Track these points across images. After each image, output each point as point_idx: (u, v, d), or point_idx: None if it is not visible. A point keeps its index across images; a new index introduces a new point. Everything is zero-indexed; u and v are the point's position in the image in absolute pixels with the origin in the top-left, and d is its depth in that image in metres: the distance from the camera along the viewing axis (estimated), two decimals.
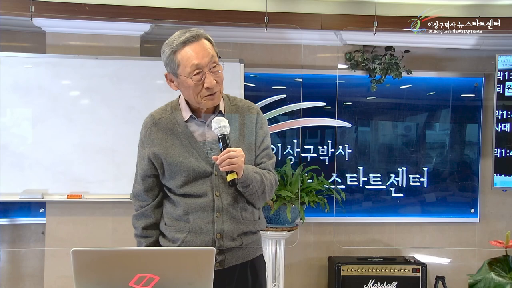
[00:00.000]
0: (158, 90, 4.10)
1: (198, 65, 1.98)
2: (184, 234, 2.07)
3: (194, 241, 2.05)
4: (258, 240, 2.19)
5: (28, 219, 4.27)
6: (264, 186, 2.07)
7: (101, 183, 4.06)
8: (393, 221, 4.62)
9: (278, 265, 4.07)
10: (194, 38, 1.99)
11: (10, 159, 4.00)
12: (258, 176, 2.05)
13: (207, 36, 2.05)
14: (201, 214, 2.05)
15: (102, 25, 4.04)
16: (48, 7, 3.85)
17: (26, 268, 4.34)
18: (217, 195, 2.05)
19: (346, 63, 4.49)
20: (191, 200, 2.06)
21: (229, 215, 2.06)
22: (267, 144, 2.16)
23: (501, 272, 1.78)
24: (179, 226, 2.09)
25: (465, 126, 4.65)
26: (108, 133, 4.09)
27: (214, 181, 2.06)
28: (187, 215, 2.07)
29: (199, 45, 1.99)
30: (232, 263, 2.07)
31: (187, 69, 1.99)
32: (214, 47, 2.05)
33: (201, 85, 2.00)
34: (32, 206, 4.24)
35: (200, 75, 1.99)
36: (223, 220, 2.05)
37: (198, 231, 2.05)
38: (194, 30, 2.03)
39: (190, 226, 2.06)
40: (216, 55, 2.04)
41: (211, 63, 2.00)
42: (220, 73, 2.04)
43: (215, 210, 2.05)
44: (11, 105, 4.06)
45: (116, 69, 4.10)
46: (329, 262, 4.44)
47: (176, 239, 2.09)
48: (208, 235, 2.04)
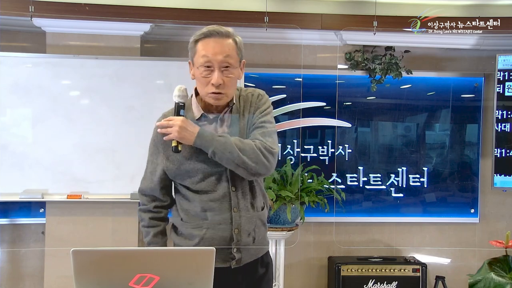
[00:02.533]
0: (158, 90, 4.10)
1: (208, 59, 1.99)
2: (203, 231, 2.07)
3: (213, 238, 2.06)
4: (266, 235, 2.22)
5: (28, 219, 4.27)
6: (232, 147, 1.96)
7: (101, 183, 4.06)
8: (393, 221, 4.62)
9: (278, 265, 4.06)
10: (217, 33, 1.99)
11: (10, 159, 3.99)
12: (222, 139, 1.99)
13: (235, 38, 2.04)
14: (218, 210, 2.06)
15: (102, 25, 4.04)
16: (48, 7, 3.85)
17: (26, 268, 4.34)
18: (233, 190, 2.06)
19: (346, 63, 4.49)
20: (207, 196, 2.06)
21: (245, 209, 2.07)
22: (262, 120, 2.08)
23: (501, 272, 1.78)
24: (197, 223, 2.09)
25: (465, 126, 4.65)
26: (108, 133, 4.08)
27: (229, 176, 2.05)
28: (204, 212, 2.07)
29: (219, 42, 1.99)
30: (247, 260, 2.11)
31: (200, 59, 2.00)
32: (238, 50, 2.04)
33: (209, 80, 2.00)
34: (32, 206, 4.24)
35: (209, 69, 2.00)
36: (240, 215, 2.06)
37: (217, 227, 2.06)
38: (225, 28, 2.03)
39: (209, 223, 2.06)
40: (237, 58, 2.03)
41: (224, 63, 1.99)
42: (232, 76, 2.02)
43: (232, 205, 2.06)
44: (11, 105, 4.05)
45: (116, 69, 4.10)
46: (329, 262, 4.44)
47: (194, 236, 2.09)
48: (226, 231, 2.06)
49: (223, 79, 1.99)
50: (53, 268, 4.10)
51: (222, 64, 1.99)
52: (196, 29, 2.08)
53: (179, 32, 4.31)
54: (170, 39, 4.40)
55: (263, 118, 2.09)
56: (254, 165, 1.99)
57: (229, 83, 2.02)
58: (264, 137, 2.04)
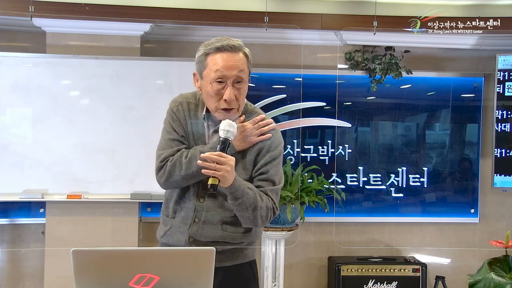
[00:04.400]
0: (158, 90, 4.10)
1: (222, 75, 1.95)
2: (168, 227, 2.12)
3: (171, 236, 2.10)
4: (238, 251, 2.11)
5: (28, 219, 4.27)
6: (256, 204, 1.96)
7: (101, 183, 4.06)
8: (393, 221, 4.62)
9: (278, 265, 4.06)
10: (230, 48, 1.96)
11: (10, 159, 4.00)
12: (251, 192, 1.96)
13: (245, 51, 2.01)
14: (183, 213, 2.08)
15: (102, 25, 4.04)
16: (48, 7, 3.85)
17: (26, 268, 4.34)
18: (201, 201, 2.05)
19: (346, 63, 4.49)
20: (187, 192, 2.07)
21: (207, 222, 2.04)
22: (269, 169, 2.04)
23: (501, 272, 1.78)
24: (167, 220, 2.14)
25: (465, 126, 4.65)
26: (108, 133, 4.08)
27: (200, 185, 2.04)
28: (175, 212, 2.10)
29: (232, 56, 1.96)
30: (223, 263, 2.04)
31: (212, 74, 1.96)
32: (249, 64, 2.01)
33: (220, 96, 1.97)
34: (32, 206, 4.24)
35: (222, 85, 1.96)
36: (198, 227, 2.05)
37: (177, 229, 2.09)
38: (235, 40, 1.99)
39: (173, 222, 2.10)
40: (247, 72, 2.01)
41: (237, 78, 1.96)
42: (243, 91, 2.00)
43: (195, 213, 2.05)
44: (11, 105, 4.06)
45: (116, 69, 4.10)
46: (329, 262, 4.44)
47: (160, 232, 2.16)
48: (184, 235, 2.07)
49: (235, 95, 1.97)
50: (53, 268, 4.10)
51: (235, 80, 1.96)
52: (196, 29, 2.07)
53: (179, 32, 4.32)
54: (170, 39, 4.40)
55: (273, 168, 2.05)
56: (261, 223, 2.03)
57: (240, 97, 2.00)
58: (273, 196, 2.03)
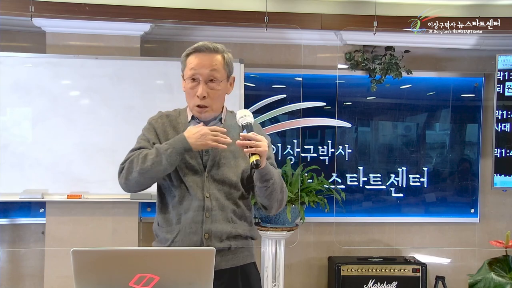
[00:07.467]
0: (158, 90, 4.09)
1: (196, 72, 2.05)
2: (174, 234, 2.09)
3: (183, 241, 2.07)
4: (248, 245, 2.17)
5: (28, 219, 4.27)
6: (282, 183, 2.11)
7: (101, 183, 4.06)
8: (393, 221, 4.62)
9: (278, 265, 4.07)
10: (206, 49, 2.06)
11: (10, 159, 3.99)
12: (276, 172, 2.09)
13: (224, 54, 2.10)
14: (191, 213, 2.07)
15: (102, 25, 4.05)
16: (48, 7, 3.85)
17: (26, 268, 4.34)
18: (207, 196, 2.07)
19: (346, 63, 4.49)
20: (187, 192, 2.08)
21: (218, 216, 2.07)
22: (270, 155, 2.12)
23: (501, 272, 1.78)
24: (171, 228, 2.11)
25: (465, 126, 4.65)
26: (108, 133, 4.08)
27: (205, 182, 2.07)
28: (179, 216, 2.09)
29: (207, 56, 2.06)
30: (221, 266, 2.06)
31: (188, 72, 2.08)
32: (226, 65, 2.09)
33: (194, 93, 2.07)
34: (32, 206, 4.24)
35: (195, 83, 2.07)
36: (212, 220, 2.06)
37: (188, 231, 2.07)
38: (215, 44, 2.09)
39: (181, 227, 2.08)
40: (225, 73, 2.09)
41: (209, 76, 2.05)
42: (217, 90, 2.07)
43: (205, 210, 2.06)
44: (11, 105, 4.06)
45: (116, 69, 4.10)
46: (329, 262, 4.44)
47: (166, 240, 2.11)
48: (197, 234, 2.06)
49: (208, 92, 2.05)
50: (53, 268, 4.10)
51: (208, 78, 2.05)
52: (196, 29, 2.10)
53: (179, 32, 4.32)
54: (170, 39, 4.40)
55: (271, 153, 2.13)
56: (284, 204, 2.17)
57: (214, 95, 2.08)
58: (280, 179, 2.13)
